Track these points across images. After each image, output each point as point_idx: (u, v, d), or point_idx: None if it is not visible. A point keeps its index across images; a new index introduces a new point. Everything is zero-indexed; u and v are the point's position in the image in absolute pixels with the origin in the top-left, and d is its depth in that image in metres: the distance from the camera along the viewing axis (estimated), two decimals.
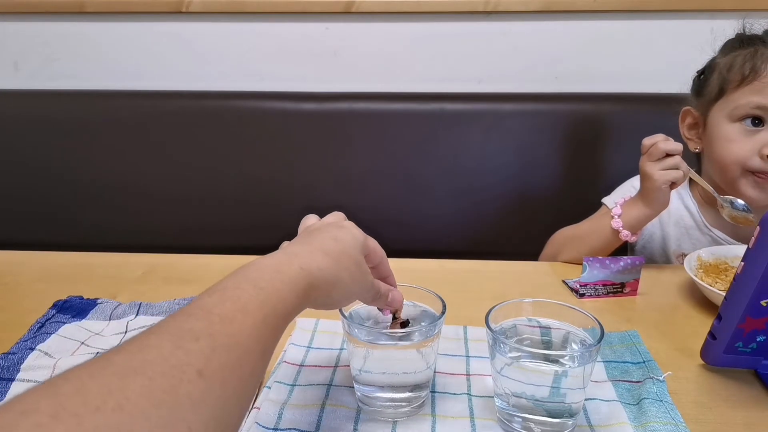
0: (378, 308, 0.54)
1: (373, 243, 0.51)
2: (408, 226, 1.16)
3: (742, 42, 0.83)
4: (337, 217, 0.53)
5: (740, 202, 0.80)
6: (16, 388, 0.57)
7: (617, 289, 0.76)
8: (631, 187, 0.96)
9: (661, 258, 0.93)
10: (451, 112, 1.14)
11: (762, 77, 0.78)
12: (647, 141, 0.79)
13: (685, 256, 0.82)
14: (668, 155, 0.77)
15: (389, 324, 0.54)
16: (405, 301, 0.55)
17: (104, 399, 0.27)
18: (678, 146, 0.77)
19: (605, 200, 0.97)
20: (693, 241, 0.89)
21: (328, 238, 0.46)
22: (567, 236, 0.94)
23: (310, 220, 0.52)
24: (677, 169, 0.77)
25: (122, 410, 0.27)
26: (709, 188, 0.80)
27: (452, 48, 1.19)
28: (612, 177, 1.02)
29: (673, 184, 0.78)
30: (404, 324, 0.53)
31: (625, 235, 0.83)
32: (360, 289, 0.48)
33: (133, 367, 0.30)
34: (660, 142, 0.77)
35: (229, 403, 0.32)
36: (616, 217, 0.83)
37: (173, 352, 0.31)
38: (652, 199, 0.80)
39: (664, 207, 0.81)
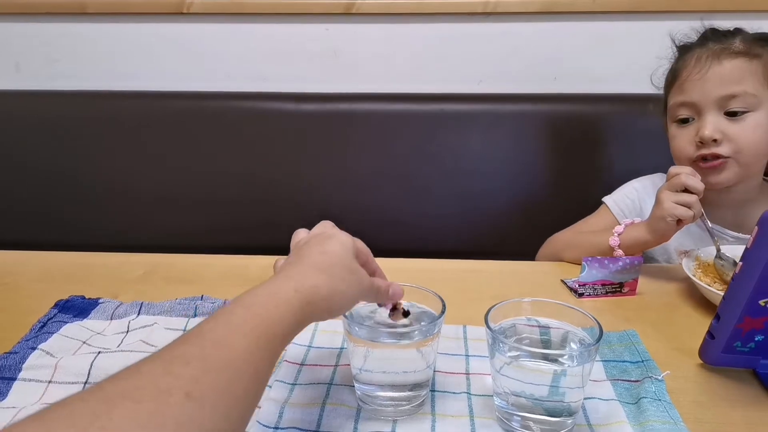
0: (378, 303, 0.54)
1: (359, 243, 0.52)
2: (408, 226, 1.17)
3: (678, 51, 0.89)
4: (324, 227, 0.53)
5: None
6: (18, 387, 0.57)
7: (616, 288, 0.77)
8: (632, 188, 0.96)
9: (663, 256, 0.94)
10: (451, 113, 1.14)
11: (680, 78, 0.84)
12: (673, 170, 0.79)
13: (687, 253, 0.82)
14: (687, 191, 0.77)
15: (390, 314, 0.54)
16: (405, 302, 0.56)
17: (90, 421, 0.28)
18: (699, 185, 0.76)
19: (606, 199, 0.97)
20: (694, 238, 0.89)
21: (317, 253, 0.47)
22: (566, 242, 0.94)
23: (300, 235, 0.53)
24: (689, 208, 0.76)
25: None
26: (715, 240, 0.79)
27: (452, 49, 1.20)
28: (611, 177, 1.02)
29: (680, 222, 0.77)
30: (406, 314, 0.54)
31: (619, 254, 0.82)
32: (359, 293, 0.49)
33: (122, 392, 0.31)
34: (683, 175, 0.77)
35: (219, 424, 0.33)
36: (615, 235, 0.83)
37: (163, 376, 0.33)
38: (655, 227, 0.79)
39: (663, 240, 0.80)
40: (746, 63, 0.79)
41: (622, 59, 1.18)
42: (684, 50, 0.86)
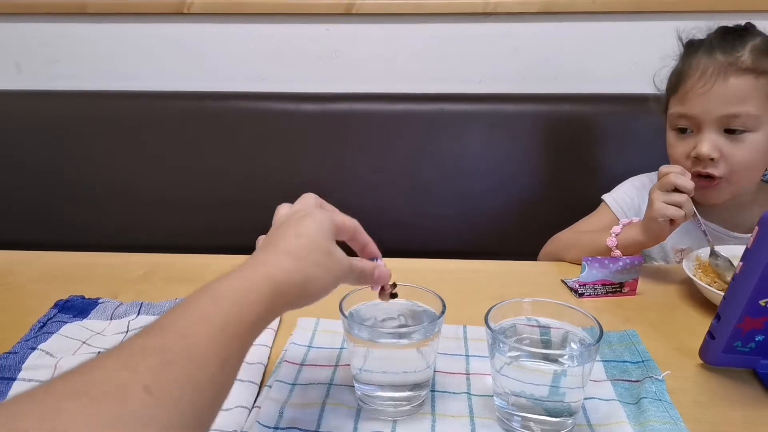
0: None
1: (341, 218, 0.50)
2: (408, 226, 1.17)
3: (684, 50, 0.86)
4: (304, 201, 0.51)
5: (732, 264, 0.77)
6: (17, 388, 0.57)
7: (616, 288, 0.77)
8: (631, 186, 0.96)
9: (660, 255, 0.94)
10: (451, 113, 1.14)
11: (682, 86, 0.82)
12: (663, 169, 0.78)
13: (683, 251, 0.82)
14: (677, 190, 0.76)
15: (379, 294, 0.53)
16: (404, 301, 0.56)
17: (39, 425, 0.27)
18: (689, 184, 0.75)
19: (605, 197, 0.97)
20: (691, 237, 0.89)
21: (291, 236, 0.45)
22: (566, 242, 0.94)
23: (282, 210, 0.50)
24: (681, 207, 0.75)
25: None
26: (708, 239, 0.79)
27: (452, 49, 1.20)
28: (611, 177, 1.02)
29: (673, 221, 0.76)
30: (393, 295, 0.53)
31: (617, 255, 0.81)
32: (336, 277, 0.46)
33: (75, 390, 0.29)
34: (672, 174, 0.75)
35: (184, 417, 0.31)
36: (613, 235, 0.83)
37: (119, 371, 0.31)
38: (648, 227, 0.79)
39: (658, 240, 0.80)
40: (752, 81, 0.77)
41: (622, 59, 1.18)
42: (690, 50, 0.84)
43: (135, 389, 0.30)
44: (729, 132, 0.79)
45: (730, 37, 0.81)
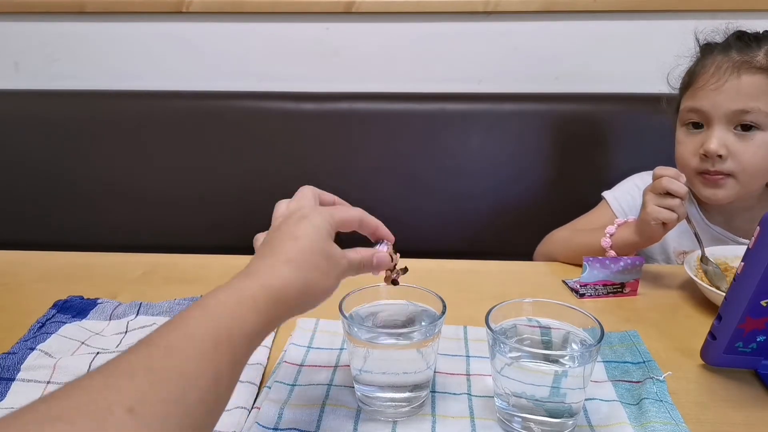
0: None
1: (340, 214, 0.48)
2: (408, 225, 1.15)
3: (700, 50, 0.86)
4: (302, 198, 0.49)
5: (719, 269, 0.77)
6: (16, 388, 0.57)
7: (617, 289, 0.76)
8: (633, 185, 0.96)
9: (661, 256, 0.93)
10: (452, 112, 1.14)
11: (695, 83, 0.82)
12: (658, 171, 0.77)
13: (686, 253, 0.81)
14: (670, 194, 0.75)
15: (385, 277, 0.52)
16: (404, 301, 0.55)
17: None
18: (681, 189, 0.74)
19: (606, 194, 0.97)
20: (692, 238, 0.89)
21: (288, 240, 0.44)
22: (561, 242, 0.93)
23: (281, 207, 0.50)
24: (673, 211, 0.75)
25: None
26: (699, 241, 0.79)
27: (452, 48, 1.19)
28: (611, 177, 1.02)
29: (665, 224, 0.76)
30: (395, 282, 0.52)
31: (612, 255, 0.81)
32: (336, 278, 0.46)
33: (55, 413, 0.28)
34: (665, 179, 0.75)
35: None
36: (607, 236, 0.83)
37: (101, 391, 0.30)
38: (642, 228, 0.78)
39: (652, 241, 0.80)
40: (765, 80, 0.76)
41: (623, 58, 1.18)
42: (706, 51, 0.84)
43: (118, 410, 0.29)
44: (741, 129, 0.78)
45: (747, 38, 0.81)
